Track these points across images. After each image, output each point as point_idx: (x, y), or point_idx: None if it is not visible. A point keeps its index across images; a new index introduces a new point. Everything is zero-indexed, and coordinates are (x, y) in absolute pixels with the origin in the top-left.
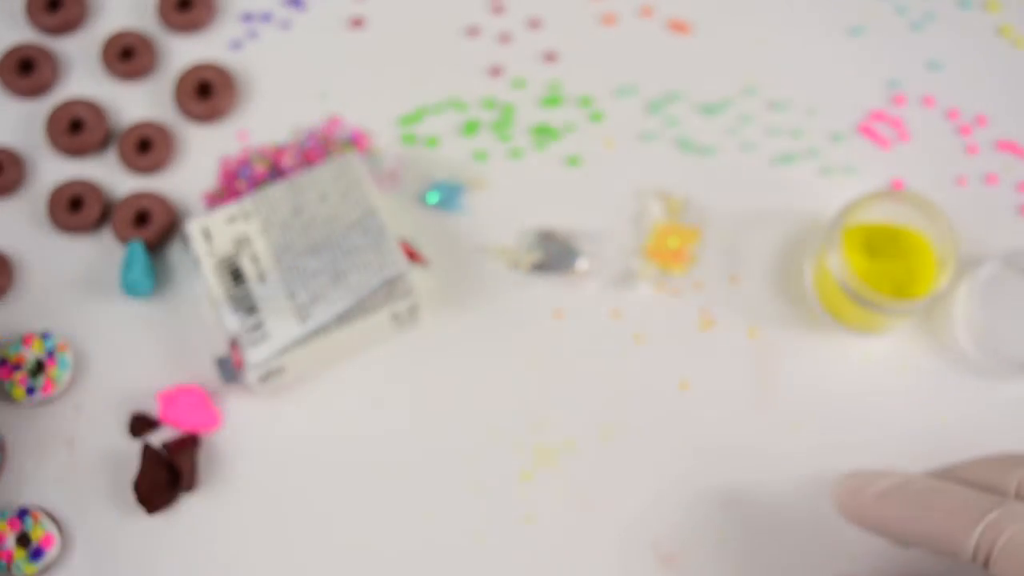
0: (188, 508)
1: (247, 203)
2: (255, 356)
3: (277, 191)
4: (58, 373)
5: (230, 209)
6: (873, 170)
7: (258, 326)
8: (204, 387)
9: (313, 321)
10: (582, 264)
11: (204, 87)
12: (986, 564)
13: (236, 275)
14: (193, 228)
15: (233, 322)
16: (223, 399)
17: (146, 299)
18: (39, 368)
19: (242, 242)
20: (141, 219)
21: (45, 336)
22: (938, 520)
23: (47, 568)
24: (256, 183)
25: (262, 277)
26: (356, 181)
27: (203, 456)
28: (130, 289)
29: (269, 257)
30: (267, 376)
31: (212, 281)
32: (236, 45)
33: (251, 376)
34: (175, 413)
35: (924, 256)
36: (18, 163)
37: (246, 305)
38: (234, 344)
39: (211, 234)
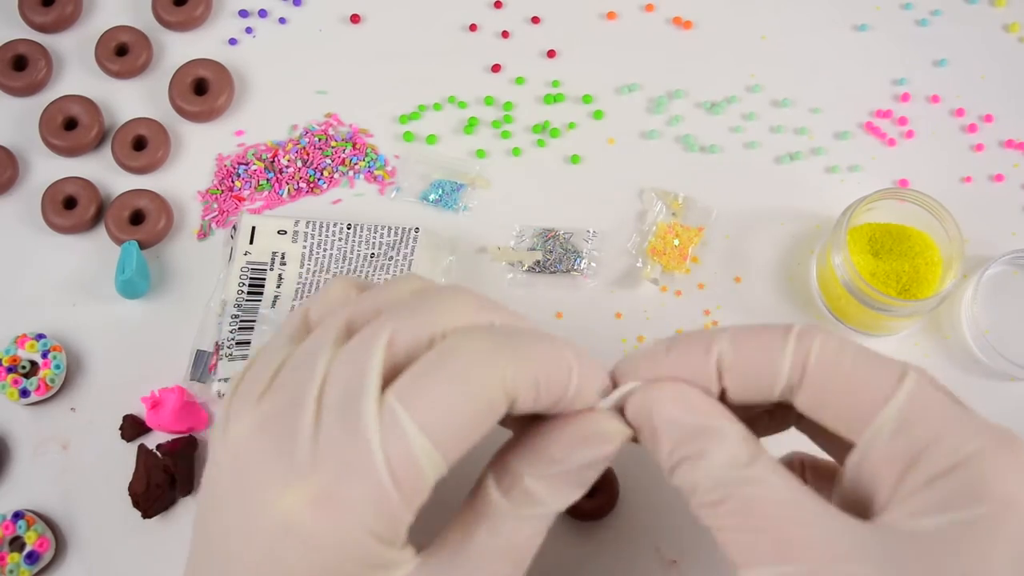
0: (185, 511)
1: (303, 224)
2: (225, 371)
3: (335, 228)
4: (52, 374)
5: (284, 221)
6: (878, 169)
7: (244, 344)
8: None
9: None
10: (583, 264)
11: (200, 85)
12: (797, 386)
13: (254, 287)
14: (244, 221)
15: (225, 330)
16: (216, 399)
17: (141, 299)
18: (33, 369)
19: (277, 258)
20: (136, 219)
21: (39, 337)
22: (751, 343)
23: (41, 572)
24: (253, 182)
25: (275, 301)
26: (408, 257)
27: (201, 458)
28: (124, 290)
29: (292, 286)
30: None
31: (232, 281)
32: (232, 42)
33: (214, 388)
34: (161, 417)
35: (930, 256)
36: (12, 162)
37: (246, 319)
38: (217, 348)
39: (257, 236)
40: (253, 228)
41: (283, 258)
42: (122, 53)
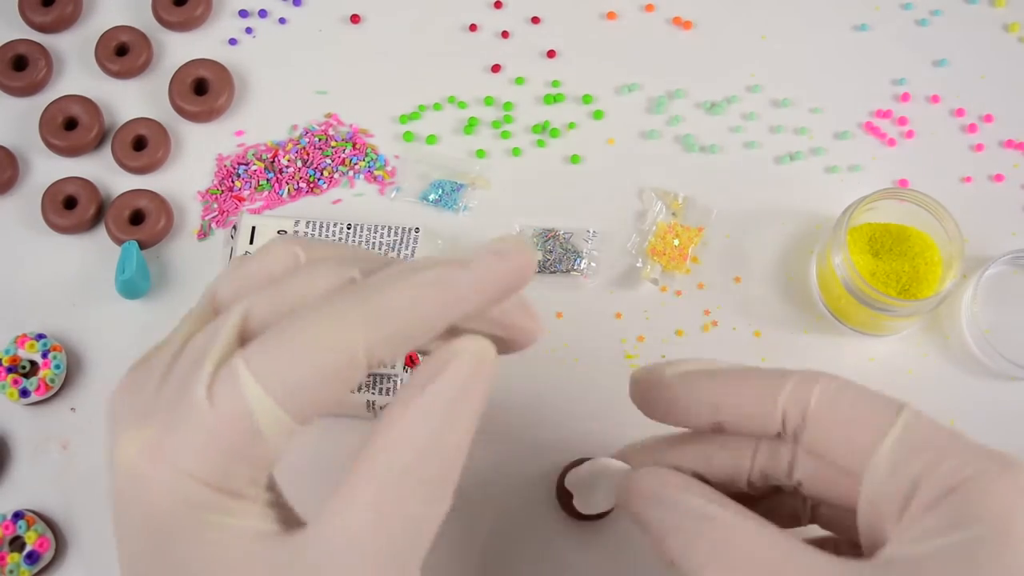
0: None
1: (303, 224)
2: None
3: (335, 228)
4: (52, 374)
5: (283, 221)
6: (878, 169)
7: None
8: None
9: None
10: (583, 264)
11: (200, 85)
12: (797, 433)
13: None
14: (244, 221)
15: None
16: None
17: (141, 300)
18: (33, 369)
19: None
20: (136, 219)
21: (39, 337)
22: (749, 386)
23: (41, 572)
24: (253, 182)
25: None
26: (408, 258)
27: None
28: (125, 290)
29: None
30: None
31: None
32: (232, 42)
33: None
34: None
35: (930, 256)
36: (12, 162)
37: None
38: None
39: (257, 236)
40: (253, 228)
41: None
42: (122, 53)
